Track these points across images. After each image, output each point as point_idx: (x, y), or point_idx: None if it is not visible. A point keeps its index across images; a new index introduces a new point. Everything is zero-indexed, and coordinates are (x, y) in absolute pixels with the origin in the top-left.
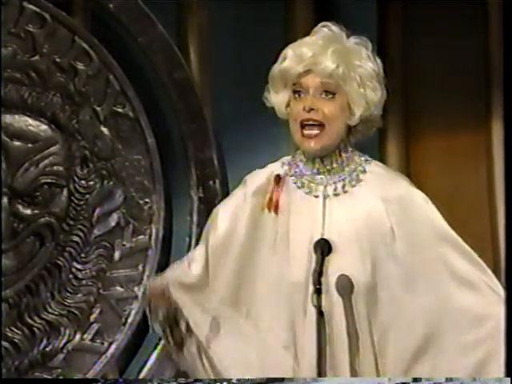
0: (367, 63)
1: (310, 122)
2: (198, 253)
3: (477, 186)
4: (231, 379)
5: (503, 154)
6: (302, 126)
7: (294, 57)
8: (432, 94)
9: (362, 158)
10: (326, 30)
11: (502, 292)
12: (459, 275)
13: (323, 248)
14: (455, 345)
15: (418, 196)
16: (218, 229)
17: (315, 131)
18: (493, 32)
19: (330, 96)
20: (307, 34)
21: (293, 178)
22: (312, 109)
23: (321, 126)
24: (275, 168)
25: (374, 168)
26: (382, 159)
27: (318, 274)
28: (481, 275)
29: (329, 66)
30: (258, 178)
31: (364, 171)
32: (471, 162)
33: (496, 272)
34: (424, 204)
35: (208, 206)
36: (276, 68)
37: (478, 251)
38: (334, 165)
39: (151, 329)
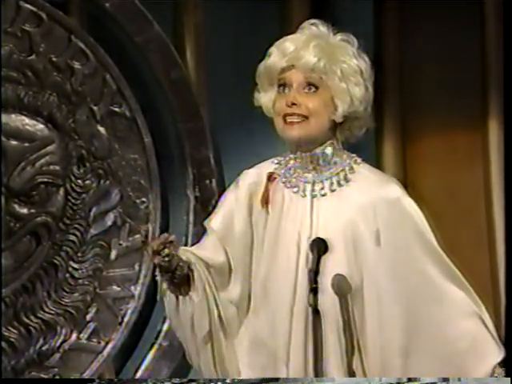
0: (351, 59)
1: (294, 117)
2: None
3: (473, 186)
4: (225, 379)
5: (500, 155)
6: (285, 119)
7: (277, 52)
8: (428, 94)
9: (352, 158)
10: (313, 27)
11: (480, 309)
12: (440, 293)
13: (319, 247)
14: (433, 351)
15: (408, 203)
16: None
17: (297, 119)
18: (489, 32)
19: (313, 90)
20: None
21: (282, 177)
22: (294, 103)
23: (304, 117)
24: (265, 167)
25: (364, 169)
26: (379, 160)
27: (314, 273)
28: (462, 294)
29: (310, 60)
30: (249, 177)
31: (353, 171)
32: (468, 163)
33: (494, 273)
34: (413, 212)
35: (204, 206)
36: (262, 65)
37: (474, 252)
38: (321, 162)
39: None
